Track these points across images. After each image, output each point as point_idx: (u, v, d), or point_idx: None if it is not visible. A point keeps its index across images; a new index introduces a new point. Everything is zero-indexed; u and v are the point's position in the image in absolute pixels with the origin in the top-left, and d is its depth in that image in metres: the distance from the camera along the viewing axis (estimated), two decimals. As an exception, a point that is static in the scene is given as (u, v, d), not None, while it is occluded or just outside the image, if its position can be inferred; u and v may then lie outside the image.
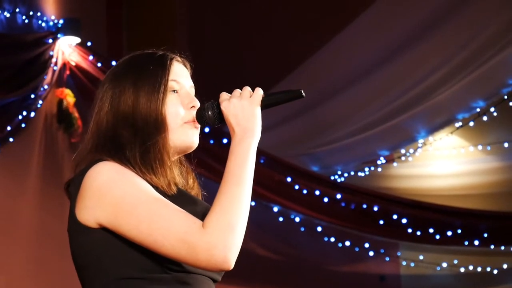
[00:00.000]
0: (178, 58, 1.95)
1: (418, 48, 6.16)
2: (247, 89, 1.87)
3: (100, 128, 1.87)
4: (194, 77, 1.98)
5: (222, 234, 1.69)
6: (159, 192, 1.78)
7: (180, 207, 1.76)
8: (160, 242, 1.70)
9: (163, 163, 1.82)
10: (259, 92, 1.86)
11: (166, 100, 1.87)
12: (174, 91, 1.90)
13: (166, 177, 1.82)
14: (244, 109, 1.83)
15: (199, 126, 1.91)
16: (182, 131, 1.88)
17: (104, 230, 1.76)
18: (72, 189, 1.83)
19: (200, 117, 1.89)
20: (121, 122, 1.85)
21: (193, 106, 1.90)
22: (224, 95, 1.87)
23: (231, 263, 1.71)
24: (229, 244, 1.69)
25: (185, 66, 1.97)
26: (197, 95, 1.95)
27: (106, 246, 1.76)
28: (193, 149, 1.93)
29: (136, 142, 1.82)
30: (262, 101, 1.85)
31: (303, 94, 1.85)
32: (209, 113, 1.88)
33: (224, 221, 1.70)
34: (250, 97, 1.85)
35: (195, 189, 1.98)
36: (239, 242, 1.72)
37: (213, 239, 1.69)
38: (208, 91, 2.03)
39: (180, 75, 1.92)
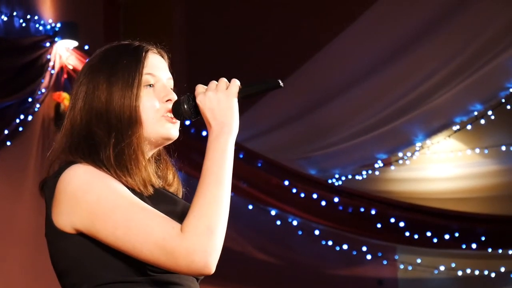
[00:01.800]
0: (154, 50, 1.87)
1: (415, 51, 6.16)
2: (223, 80, 1.78)
3: (73, 126, 1.79)
4: (192, 81, 1.92)
5: (202, 238, 1.62)
6: (135, 194, 1.71)
7: (158, 207, 1.69)
8: (138, 248, 1.64)
9: (138, 163, 1.74)
10: (236, 83, 1.78)
11: (141, 95, 1.79)
12: (150, 85, 1.81)
13: (141, 176, 1.74)
14: (220, 102, 1.74)
15: (176, 120, 1.83)
16: (159, 123, 1.80)
17: (82, 236, 1.70)
18: (47, 192, 1.76)
19: (176, 111, 1.81)
20: (95, 119, 1.77)
21: (169, 99, 1.82)
22: (200, 88, 1.79)
23: (212, 268, 1.64)
24: (209, 248, 1.62)
25: (162, 57, 1.88)
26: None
27: (86, 251, 1.70)
28: (171, 141, 1.85)
29: (110, 142, 1.74)
30: (239, 92, 1.77)
31: (281, 84, 1.77)
32: (185, 107, 1.79)
33: (203, 224, 1.63)
34: (227, 89, 1.76)
35: (174, 185, 1.91)
36: (220, 245, 1.64)
37: (192, 244, 1.61)
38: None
39: (156, 67, 1.84)
